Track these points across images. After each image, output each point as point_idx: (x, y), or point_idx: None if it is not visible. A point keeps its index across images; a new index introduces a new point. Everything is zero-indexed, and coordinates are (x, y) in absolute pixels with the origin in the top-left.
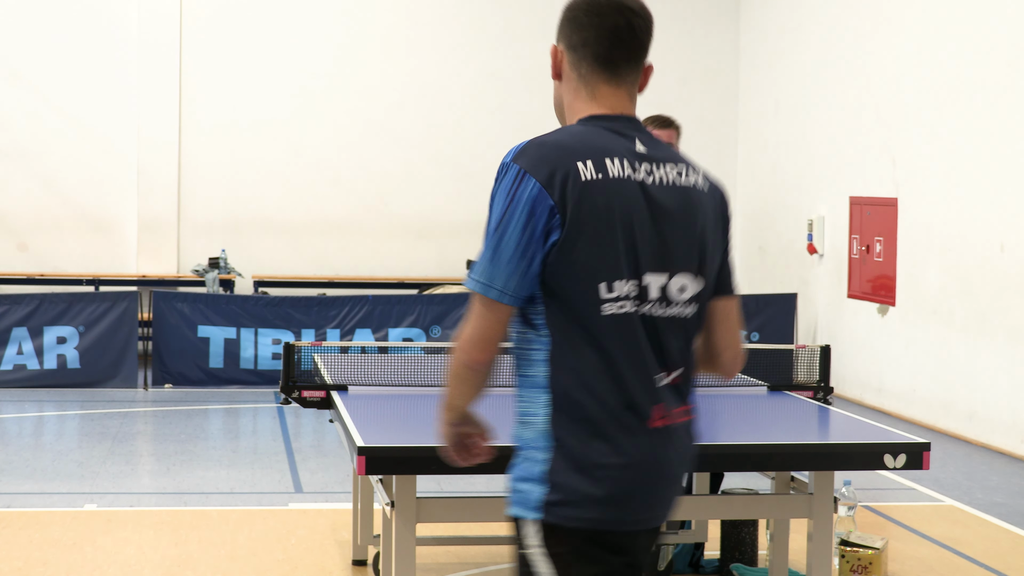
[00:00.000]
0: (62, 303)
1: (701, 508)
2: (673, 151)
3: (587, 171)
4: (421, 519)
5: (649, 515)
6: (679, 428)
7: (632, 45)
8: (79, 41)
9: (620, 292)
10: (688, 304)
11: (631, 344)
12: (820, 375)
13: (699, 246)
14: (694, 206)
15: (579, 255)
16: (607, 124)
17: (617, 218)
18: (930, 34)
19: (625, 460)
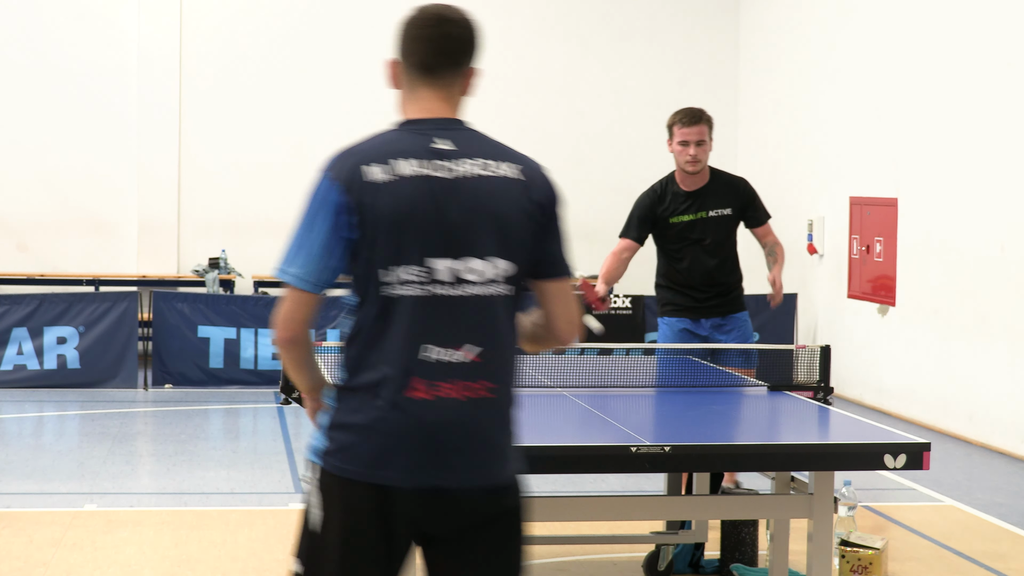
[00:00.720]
0: (62, 303)
1: (701, 508)
2: (482, 147)
3: (378, 173)
4: None
5: (417, 477)
6: (463, 401)
7: (449, 52)
8: (79, 41)
9: (405, 277)
10: (488, 285)
11: (412, 322)
12: (820, 375)
13: (497, 231)
14: (492, 195)
15: (370, 247)
16: (414, 127)
17: (403, 212)
18: (930, 33)
19: (380, 424)
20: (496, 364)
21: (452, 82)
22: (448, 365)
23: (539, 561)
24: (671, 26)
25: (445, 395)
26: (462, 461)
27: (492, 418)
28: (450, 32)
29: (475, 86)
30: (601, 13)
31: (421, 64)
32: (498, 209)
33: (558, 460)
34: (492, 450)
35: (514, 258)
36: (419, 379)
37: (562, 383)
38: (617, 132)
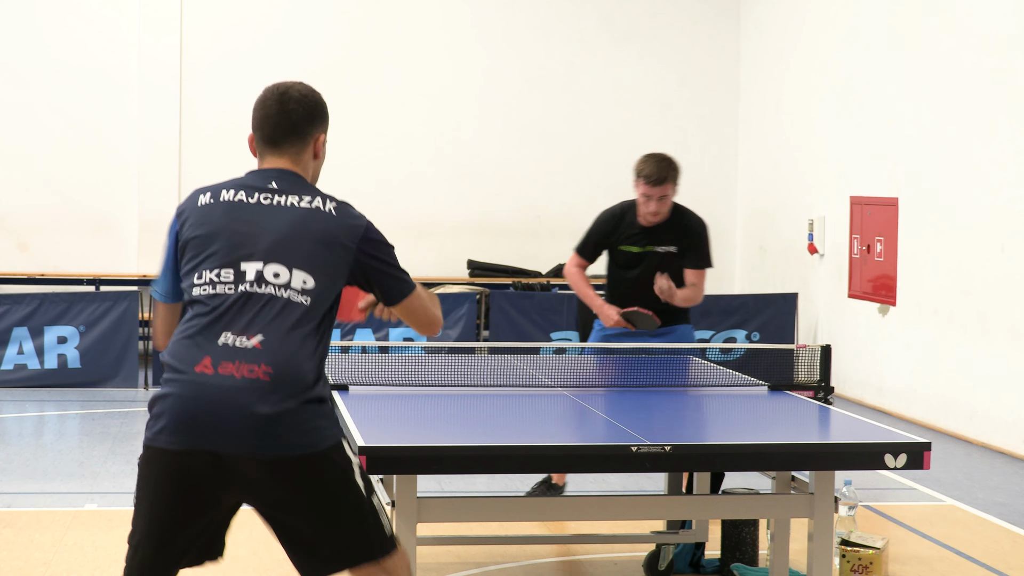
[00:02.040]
0: (62, 303)
1: (702, 508)
2: (307, 189)
3: (203, 199)
4: (422, 519)
5: (194, 440)
6: (237, 380)
7: (287, 124)
8: (80, 41)
9: (219, 278)
10: (287, 288)
11: (211, 313)
12: (821, 375)
13: (302, 248)
14: (306, 221)
15: (187, 255)
16: (254, 173)
17: (220, 226)
18: (931, 33)
19: (174, 395)
20: (272, 351)
21: (298, 151)
22: (240, 350)
23: (539, 561)
24: (672, 26)
25: (226, 372)
26: (226, 429)
27: (264, 396)
28: (289, 108)
29: (322, 151)
30: (602, 13)
31: (266, 138)
32: (309, 232)
33: (558, 460)
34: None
35: (316, 274)
36: (208, 357)
37: (562, 383)
38: (618, 132)
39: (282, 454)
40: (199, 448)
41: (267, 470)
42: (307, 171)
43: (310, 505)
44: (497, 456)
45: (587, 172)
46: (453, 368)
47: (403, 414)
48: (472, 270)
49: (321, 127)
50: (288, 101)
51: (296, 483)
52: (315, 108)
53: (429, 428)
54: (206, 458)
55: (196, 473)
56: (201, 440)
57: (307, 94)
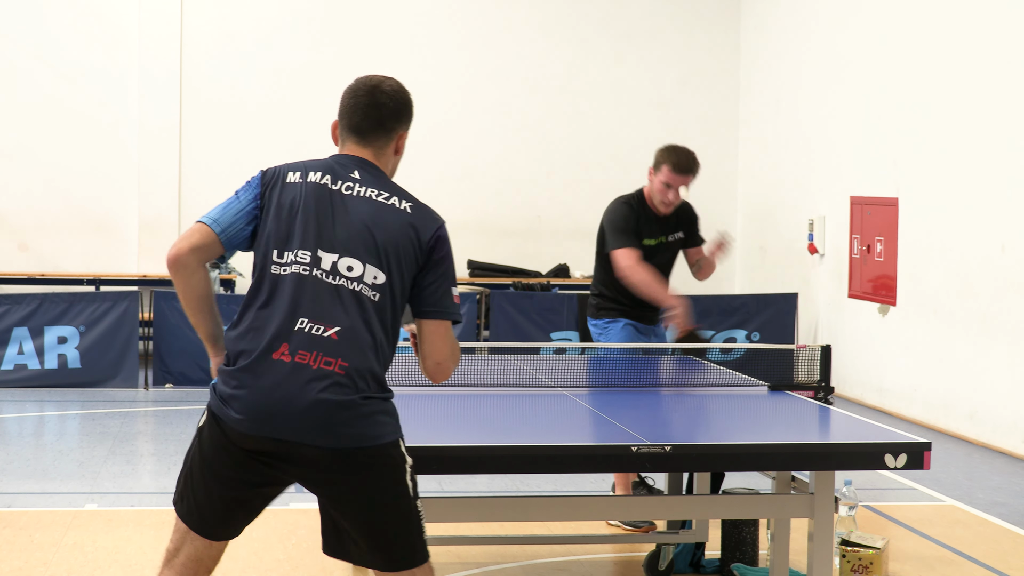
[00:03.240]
0: (63, 303)
1: (702, 508)
2: (386, 185)
3: (292, 176)
4: None
5: (265, 426)
6: (313, 370)
7: (378, 119)
8: (80, 41)
9: (298, 258)
10: (358, 283)
11: (288, 295)
12: (821, 375)
13: (376, 244)
14: (382, 215)
15: (264, 228)
16: (338, 158)
17: (305, 207)
18: (931, 33)
19: (244, 381)
20: (351, 344)
21: (381, 145)
22: (318, 338)
23: (539, 561)
24: (672, 26)
25: (302, 361)
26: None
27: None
28: (380, 102)
29: (403, 147)
30: (602, 13)
31: (353, 127)
32: (385, 227)
33: (558, 460)
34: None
35: (390, 271)
36: (286, 344)
37: (562, 383)
38: (618, 132)
39: (347, 446)
40: (268, 435)
41: (329, 459)
42: (387, 165)
43: (363, 497)
44: (497, 456)
45: (587, 172)
46: None
47: (403, 414)
48: (472, 270)
49: (406, 125)
50: (379, 95)
51: (354, 473)
52: (404, 105)
53: (429, 428)
54: (274, 444)
55: (261, 454)
56: (271, 428)
57: (398, 90)
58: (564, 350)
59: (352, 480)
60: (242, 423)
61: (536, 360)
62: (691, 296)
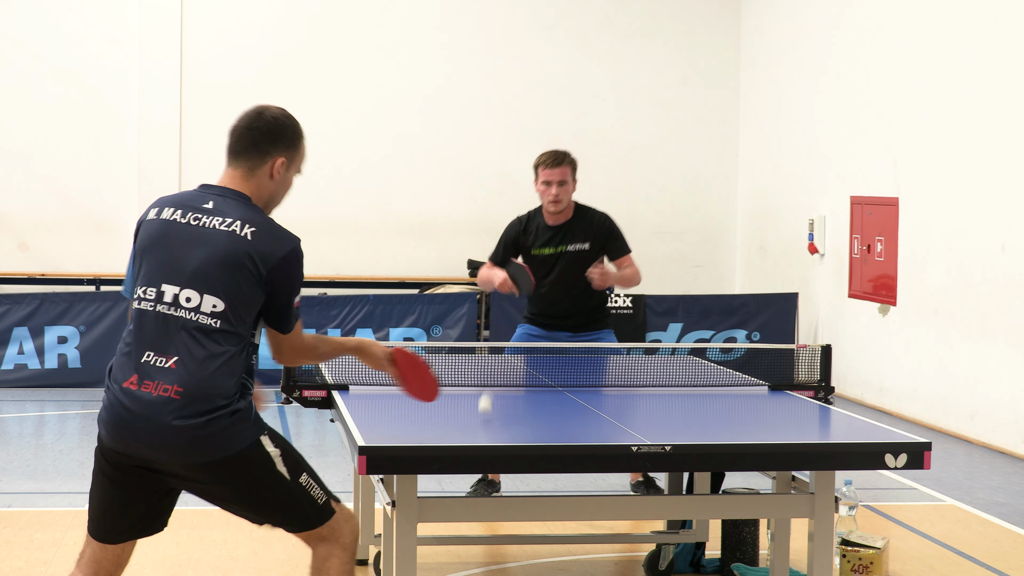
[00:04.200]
0: (63, 303)
1: (702, 508)
2: (237, 212)
3: (151, 214)
4: (422, 519)
5: (124, 445)
6: (154, 397)
7: (248, 138)
8: (81, 41)
9: (145, 295)
10: (197, 312)
11: (140, 330)
12: (821, 375)
13: (213, 273)
14: (221, 245)
15: (138, 269)
16: (201, 188)
17: (154, 244)
18: (931, 33)
19: (108, 403)
20: (186, 371)
21: (252, 166)
22: (160, 369)
23: (539, 561)
24: (672, 26)
25: (146, 390)
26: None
27: (176, 414)
28: (256, 125)
29: (283, 175)
30: (602, 13)
31: (229, 150)
32: (224, 258)
33: (558, 460)
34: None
35: (226, 298)
36: (134, 375)
37: (562, 383)
38: (618, 132)
39: (200, 459)
40: (129, 451)
41: (191, 471)
42: (260, 190)
43: (237, 496)
44: (497, 456)
45: (587, 172)
46: (453, 368)
47: (403, 414)
48: (472, 270)
49: (285, 151)
50: (258, 119)
51: (219, 480)
52: (282, 130)
53: (429, 428)
54: (139, 460)
55: (133, 469)
56: (131, 447)
57: (280, 117)
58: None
59: (222, 484)
60: (111, 439)
61: (536, 360)
62: (691, 296)
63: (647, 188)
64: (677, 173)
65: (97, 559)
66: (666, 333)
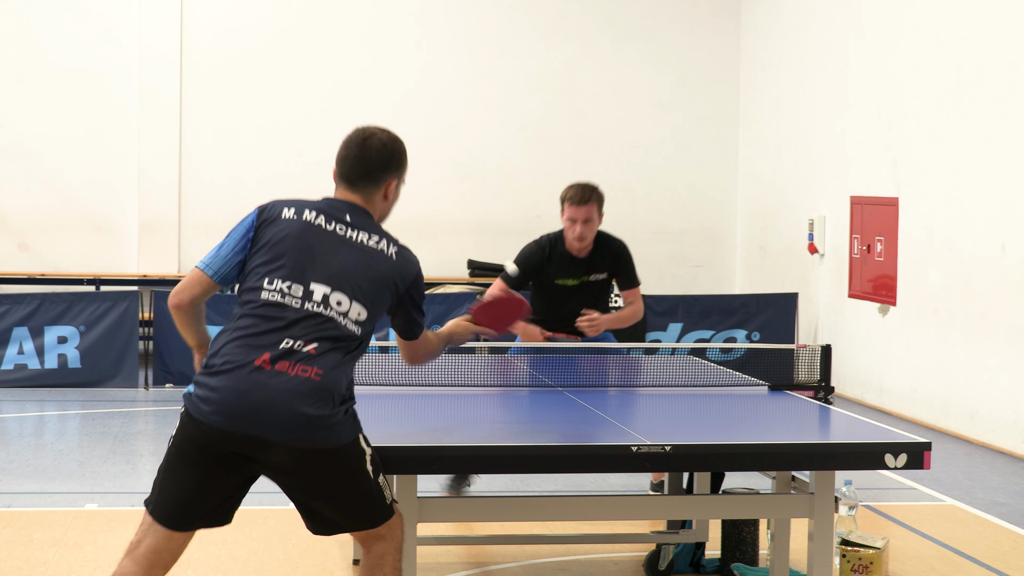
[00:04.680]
0: (63, 303)
1: (702, 508)
2: (375, 229)
3: (287, 212)
4: (422, 519)
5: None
6: (291, 376)
7: (361, 169)
8: (80, 41)
9: (289, 290)
10: (345, 317)
11: (277, 320)
12: (821, 375)
13: (365, 285)
14: (371, 260)
15: (259, 257)
16: (331, 201)
17: (299, 242)
18: (932, 34)
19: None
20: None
21: (370, 192)
22: (299, 353)
23: (539, 561)
24: (672, 26)
25: (283, 369)
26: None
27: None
28: (368, 155)
29: (395, 193)
30: (603, 13)
31: (343, 176)
32: (371, 270)
33: (558, 460)
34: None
35: (369, 307)
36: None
37: (562, 383)
38: (618, 132)
39: (311, 446)
40: (242, 432)
41: (296, 458)
42: (375, 209)
43: (326, 489)
44: (497, 456)
45: (587, 173)
46: (453, 368)
47: (403, 414)
48: (472, 270)
49: (395, 173)
50: (367, 148)
51: (317, 471)
52: (391, 156)
53: (429, 428)
54: (245, 439)
55: (227, 455)
56: (246, 425)
57: (387, 142)
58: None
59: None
60: (225, 420)
61: (536, 360)
62: (691, 296)
63: (647, 188)
64: (677, 173)
65: (157, 550)
66: (666, 333)
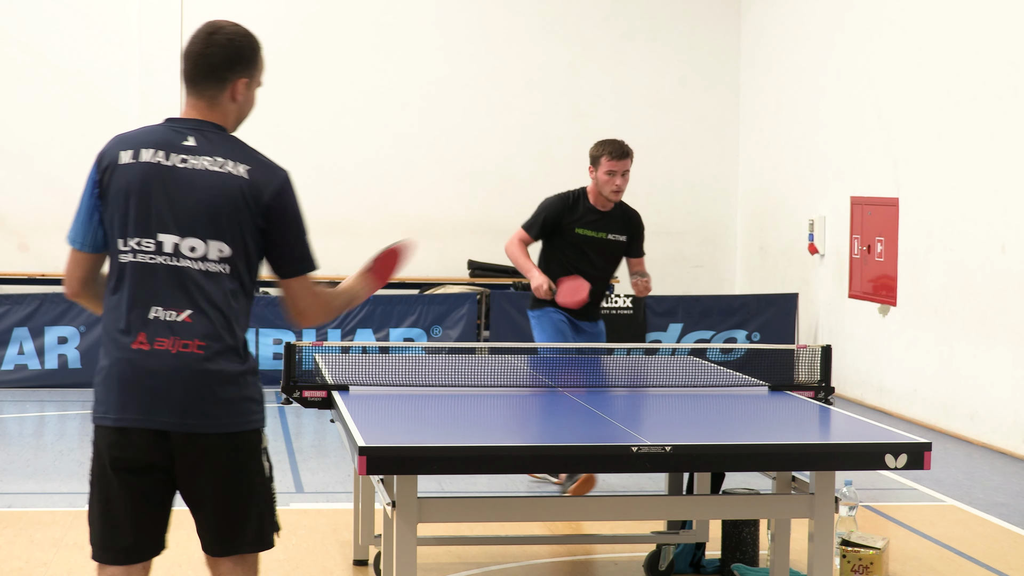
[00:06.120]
0: (63, 303)
1: (702, 508)
2: (222, 149)
3: (125, 156)
4: (422, 519)
5: (132, 416)
6: (173, 354)
7: (205, 66)
8: (80, 41)
9: (131, 246)
10: (204, 261)
11: (138, 284)
12: (821, 375)
13: (215, 216)
14: (217, 185)
15: (107, 217)
16: (172, 124)
17: (134, 191)
18: (932, 34)
19: (109, 370)
20: (207, 324)
21: (215, 94)
22: (170, 323)
23: (539, 561)
24: (672, 26)
25: (159, 348)
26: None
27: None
28: (211, 51)
29: (246, 95)
30: (603, 13)
31: (187, 77)
32: (222, 201)
33: (558, 460)
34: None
35: (231, 242)
36: (142, 333)
37: (562, 383)
38: (618, 132)
39: (211, 427)
40: (140, 427)
41: (197, 446)
42: (226, 117)
43: (218, 481)
44: (497, 456)
45: (587, 172)
46: (453, 368)
47: (403, 414)
48: (472, 270)
49: (244, 71)
50: (212, 44)
51: (216, 458)
52: (238, 50)
53: (429, 428)
54: (143, 444)
55: (134, 462)
56: (142, 418)
57: (233, 36)
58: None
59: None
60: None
61: (536, 360)
62: (692, 297)
63: (647, 188)
64: (677, 173)
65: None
66: (666, 333)
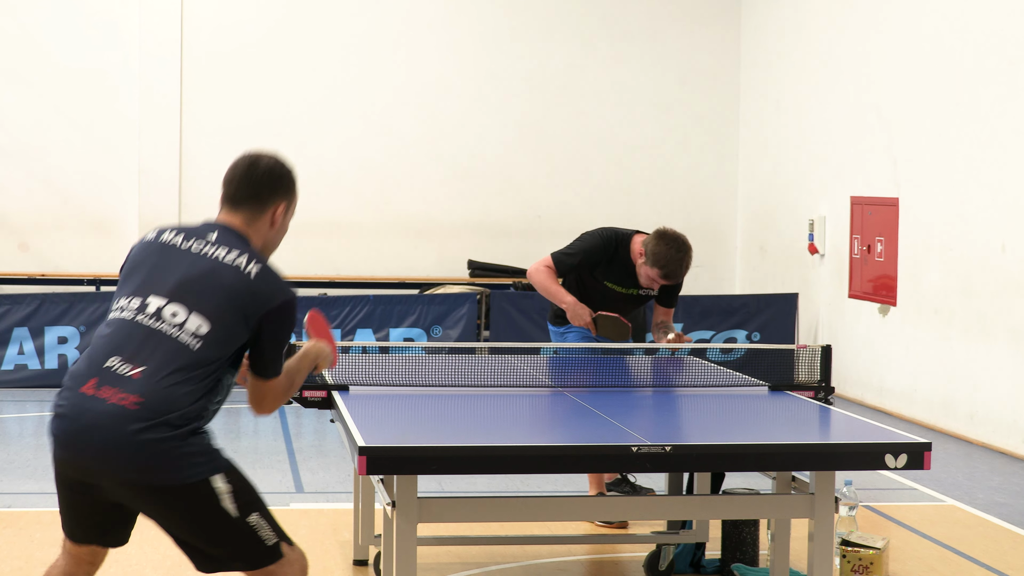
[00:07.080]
0: (63, 303)
1: (702, 508)
2: (241, 248)
3: (149, 236)
4: (422, 519)
5: (70, 454)
6: (108, 406)
7: (248, 187)
8: (80, 40)
9: (122, 305)
10: (180, 329)
11: (111, 336)
12: (821, 375)
13: (208, 297)
14: (223, 273)
15: (121, 280)
16: (205, 223)
17: (145, 260)
18: (932, 33)
19: (60, 410)
20: (150, 383)
21: (255, 214)
22: (121, 376)
23: (539, 561)
24: (672, 26)
25: (104, 396)
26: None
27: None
28: (255, 175)
29: (283, 220)
30: (602, 13)
31: (227, 197)
32: (219, 284)
33: (558, 460)
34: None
35: (210, 321)
36: (93, 379)
37: (562, 383)
38: (618, 132)
39: (142, 481)
40: (76, 464)
41: (133, 492)
42: (259, 235)
43: (175, 527)
44: (497, 456)
45: (587, 172)
46: (453, 368)
47: (403, 414)
48: (472, 270)
49: (284, 197)
50: (257, 168)
51: (160, 508)
52: (280, 178)
53: (429, 428)
54: (81, 474)
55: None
56: (77, 458)
57: (275, 166)
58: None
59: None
60: (59, 446)
61: (536, 360)
62: (691, 297)
63: (647, 188)
64: (677, 173)
65: (71, 552)
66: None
